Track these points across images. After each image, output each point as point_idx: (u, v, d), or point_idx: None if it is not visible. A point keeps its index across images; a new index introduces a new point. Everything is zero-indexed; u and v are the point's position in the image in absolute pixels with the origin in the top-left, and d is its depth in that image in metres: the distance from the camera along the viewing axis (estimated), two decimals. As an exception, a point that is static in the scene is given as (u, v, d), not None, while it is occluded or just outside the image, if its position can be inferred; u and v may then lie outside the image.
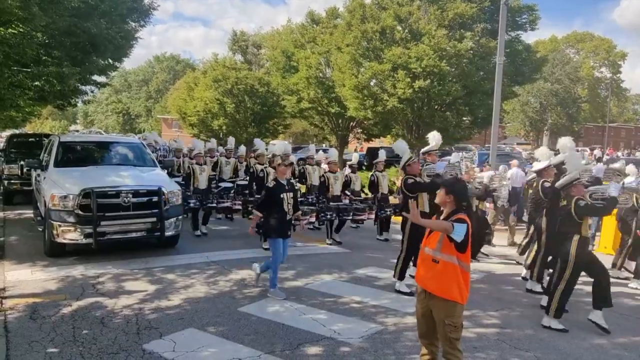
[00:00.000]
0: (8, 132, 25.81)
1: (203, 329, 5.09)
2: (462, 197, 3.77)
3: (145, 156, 9.70)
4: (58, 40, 10.54)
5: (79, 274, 6.87)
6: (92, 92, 18.29)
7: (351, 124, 27.19)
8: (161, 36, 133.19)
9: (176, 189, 8.49)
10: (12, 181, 13.03)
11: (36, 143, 14.41)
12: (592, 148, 39.66)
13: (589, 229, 5.96)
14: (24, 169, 11.88)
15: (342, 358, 4.52)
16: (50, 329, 4.93)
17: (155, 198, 7.87)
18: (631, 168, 8.51)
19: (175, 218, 8.20)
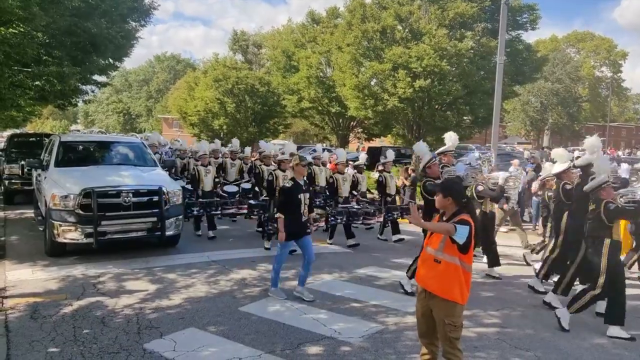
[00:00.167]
0: (9, 132, 25.82)
1: (204, 329, 5.09)
2: (459, 196, 3.76)
3: (145, 156, 9.70)
4: (58, 40, 10.54)
5: (80, 274, 6.88)
6: (93, 92, 18.33)
7: (352, 124, 27.22)
8: (162, 36, 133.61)
9: (177, 189, 8.49)
10: (13, 181, 13.04)
11: (37, 143, 14.39)
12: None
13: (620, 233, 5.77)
14: (25, 169, 11.90)
15: (343, 357, 4.52)
16: (51, 329, 4.94)
17: (155, 198, 7.87)
18: None
19: (175, 218, 8.20)
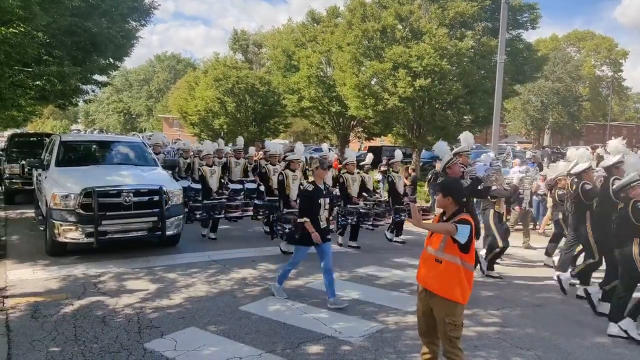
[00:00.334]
0: (10, 132, 25.84)
1: (204, 328, 5.10)
2: (459, 195, 3.76)
3: (146, 156, 9.71)
4: (59, 39, 10.53)
5: (81, 274, 6.89)
6: (94, 92, 18.32)
7: (352, 123, 27.16)
8: (162, 36, 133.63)
9: (177, 189, 8.49)
10: (14, 181, 13.07)
11: (38, 143, 14.41)
12: (594, 147, 39.48)
13: None
14: (26, 169, 11.90)
15: (343, 357, 4.52)
16: (52, 328, 4.94)
17: (156, 197, 7.88)
18: None
19: (176, 217, 8.21)
